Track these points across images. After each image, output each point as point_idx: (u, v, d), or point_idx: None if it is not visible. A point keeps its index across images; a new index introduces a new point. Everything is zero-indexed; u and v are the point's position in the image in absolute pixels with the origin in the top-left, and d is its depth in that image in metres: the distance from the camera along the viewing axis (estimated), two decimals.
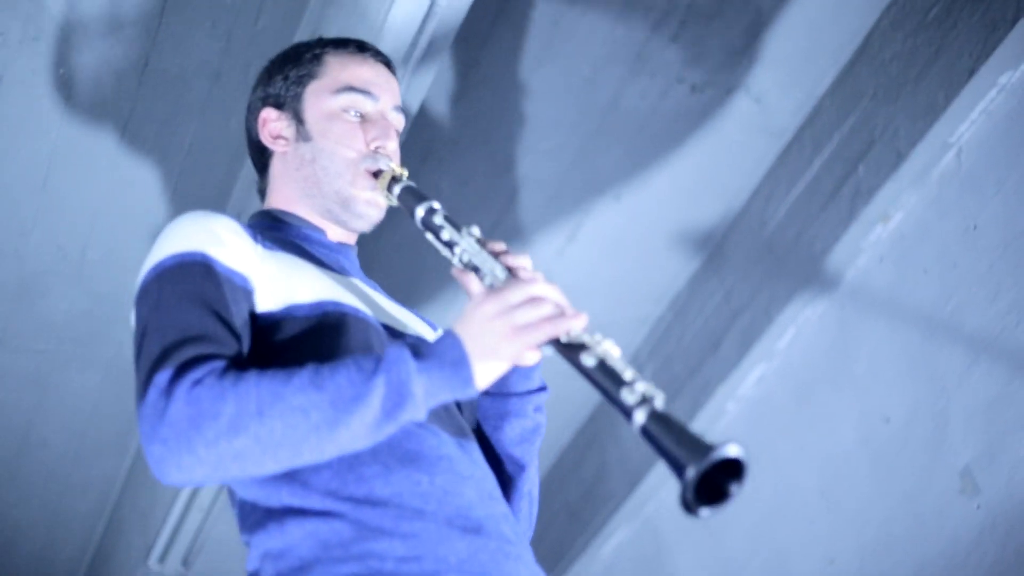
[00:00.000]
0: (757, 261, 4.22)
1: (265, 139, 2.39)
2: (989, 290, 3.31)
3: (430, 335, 2.33)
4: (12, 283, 3.81)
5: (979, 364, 3.30)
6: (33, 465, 4.50)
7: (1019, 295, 3.21)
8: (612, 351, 1.80)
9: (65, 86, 3.41)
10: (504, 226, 4.15)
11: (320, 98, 2.35)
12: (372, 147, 2.31)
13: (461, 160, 3.98)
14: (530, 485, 2.32)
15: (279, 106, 2.39)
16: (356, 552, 1.83)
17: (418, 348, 1.80)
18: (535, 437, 2.26)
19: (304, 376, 1.77)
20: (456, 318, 1.83)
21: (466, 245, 2.03)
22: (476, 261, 2.01)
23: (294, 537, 1.86)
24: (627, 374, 1.75)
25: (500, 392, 2.18)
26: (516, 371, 2.13)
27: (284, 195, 2.35)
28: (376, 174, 2.28)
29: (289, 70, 2.41)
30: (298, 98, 2.37)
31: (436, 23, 3.08)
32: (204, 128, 3.65)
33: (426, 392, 1.77)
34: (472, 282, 2.03)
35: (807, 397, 4.00)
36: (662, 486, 4.42)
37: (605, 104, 3.95)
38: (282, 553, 1.87)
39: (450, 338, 1.81)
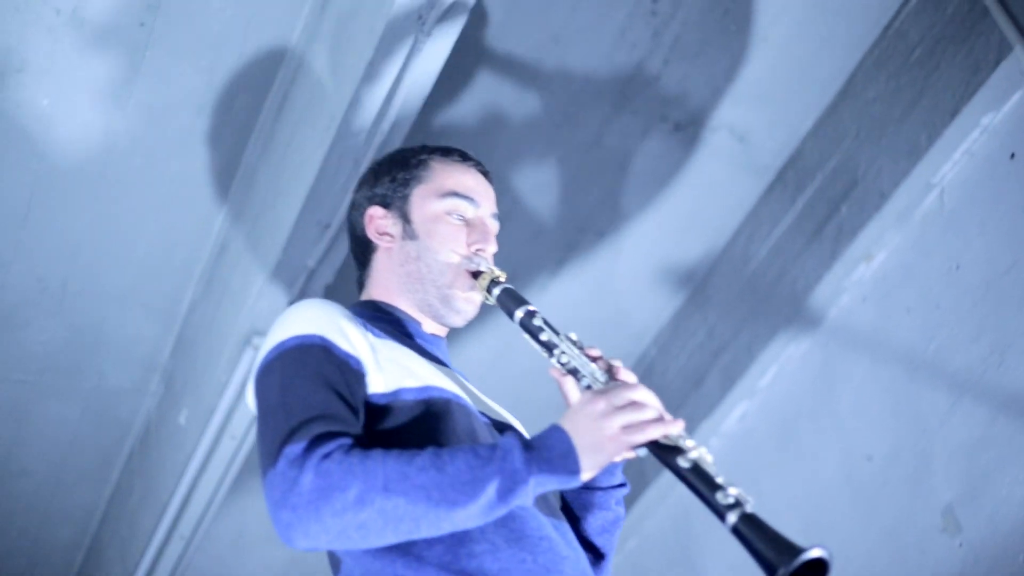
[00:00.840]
0: (740, 299, 4.23)
1: (372, 235, 2.49)
2: (971, 330, 3.32)
3: (515, 423, 2.46)
4: None
5: (961, 404, 3.30)
6: (12, 494, 4.47)
7: (1001, 335, 3.21)
8: (705, 456, 1.91)
9: (48, 118, 3.41)
10: None
11: (426, 201, 2.46)
12: (473, 249, 2.42)
13: None
14: (608, 573, 2.44)
15: (386, 205, 2.49)
16: None
17: (528, 440, 1.93)
18: (615, 528, 2.40)
19: (426, 458, 1.88)
20: (564, 415, 1.96)
21: (565, 348, 2.16)
22: (576, 364, 2.14)
23: None
24: (720, 478, 1.87)
25: (586, 486, 2.32)
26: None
27: (386, 287, 2.45)
28: (475, 275, 2.39)
29: (396, 172, 2.52)
30: (405, 199, 2.48)
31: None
32: (188, 161, 3.65)
33: (536, 481, 1.88)
34: (570, 383, 2.18)
35: (790, 434, 4.01)
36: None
37: (588, 141, 3.95)
38: None
39: (558, 432, 1.93)
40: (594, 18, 3.65)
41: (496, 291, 2.34)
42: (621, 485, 2.35)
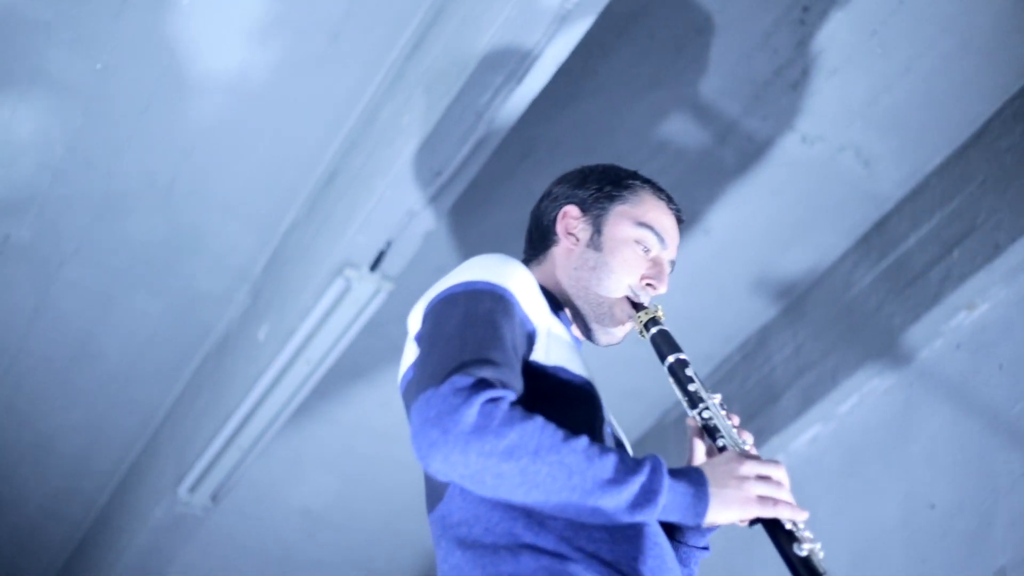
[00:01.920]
0: (834, 322, 4.18)
1: (559, 230, 2.50)
2: None
3: (626, 441, 2.49)
4: (98, 198, 3.86)
5: None
6: (85, 375, 4.54)
7: None
8: (818, 551, 1.98)
9: (187, 15, 3.44)
10: None
11: (623, 221, 2.46)
12: (644, 283, 2.43)
13: (560, 164, 3.90)
14: None
15: (583, 210, 2.50)
16: None
17: (672, 469, 1.99)
18: None
19: (580, 443, 1.93)
20: (707, 463, 2.04)
21: (711, 406, 2.23)
22: (718, 423, 2.21)
23: (528, 567, 1.96)
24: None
25: (676, 537, 2.34)
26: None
27: (554, 281, 2.47)
28: (636, 307, 2.40)
29: (605, 184, 2.52)
30: (604, 212, 2.48)
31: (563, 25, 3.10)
32: (315, 85, 3.67)
33: (665, 507, 1.95)
34: (702, 440, 2.31)
35: (856, 466, 3.97)
36: None
37: (713, 137, 3.91)
38: (513, 573, 1.97)
39: (699, 475, 2.00)
40: (741, 17, 3.61)
41: (653, 330, 2.35)
42: (705, 548, 2.38)
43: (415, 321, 2.21)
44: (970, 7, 3.58)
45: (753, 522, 2.02)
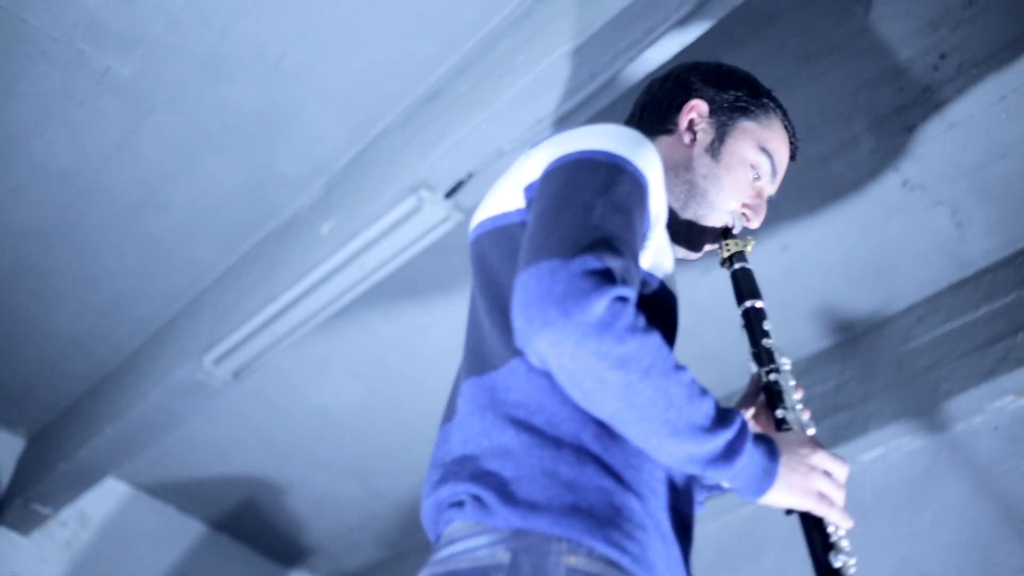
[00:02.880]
0: (882, 370, 4.15)
1: (681, 121, 2.42)
2: None
3: None
4: (205, 55, 3.86)
5: None
6: (147, 222, 4.57)
7: None
8: (851, 565, 1.97)
9: None
10: None
11: (747, 139, 2.40)
12: (743, 209, 2.39)
13: None
14: None
15: (711, 110, 2.43)
16: (620, 514, 1.86)
17: (757, 437, 1.93)
18: None
19: (686, 376, 1.84)
20: (780, 440, 1.99)
21: (782, 369, 2.21)
22: (784, 392, 2.18)
23: (591, 482, 1.86)
24: None
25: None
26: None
27: None
28: (726, 232, 2.37)
29: (742, 93, 2.45)
30: (732, 121, 2.41)
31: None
32: None
33: (735, 473, 1.88)
34: (760, 401, 2.30)
35: (862, 517, 3.92)
36: None
37: (815, 156, 3.87)
38: (573, 482, 1.86)
39: (774, 450, 1.94)
40: (877, 47, 3.56)
41: (738, 265, 2.34)
42: (719, 487, 2.32)
43: (530, 168, 2.09)
44: None
45: (792, 511, 1.98)
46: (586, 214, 1.87)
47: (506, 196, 2.12)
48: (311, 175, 4.32)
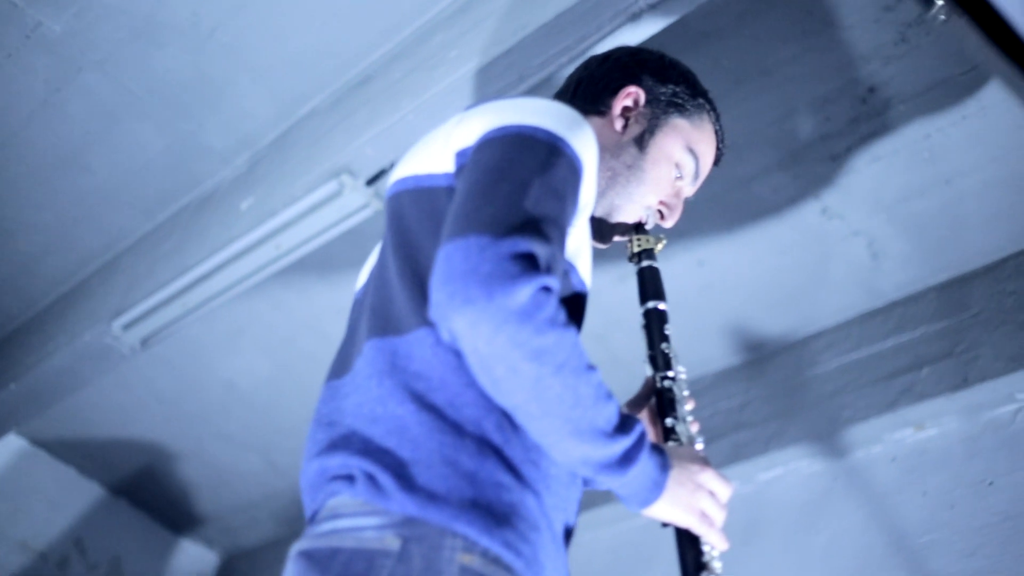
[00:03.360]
0: (787, 392, 4.18)
1: (616, 104, 2.40)
2: (969, 546, 3.27)
3: None
4: (141, 20, 3.81)
5: None
6: (68, 182, 4.51)
7: (995, 567, 3.16)
8: None
9: None
10: None
11: (677, 137, 2.38)
12: (659, 207, 2.37)
13: None
14: None
15: (648, 100, 2.40)
16: (516, 514, 1.85)
17: (652, 448, 1.94)
18: None
19: (596, 377, 1.82)
20: (672, 454, 2.01)
21: (678, 377, 2.20)
22: (676, 396, 2.18)
23: (490, 476, 1.83)
24: None
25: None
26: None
27: None
28: (639, 227, 2.35)
29: (681, 89, 2.44)
30: (665, 116, 2.40)
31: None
32: None
33: (626, 481, 1.89)
34: (650, 405, 2.30)
35: (756, 536, 3.97)
36: None
37: (739, 177, 3.89)
38: (473, 475, 1.83)
39: (665, 464, 1.95)
40: (809, 75, 3.58)
41: (646, 262, 2.32)
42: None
43: (463, 133, 2.03)
44: None
45: (669, 524, 1.99)
46: (521, 193, 1.83)
47: (434, 156, 2.06)
48: (235, 149, 4.28)
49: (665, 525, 2.01)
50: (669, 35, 3.20)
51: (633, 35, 3.09)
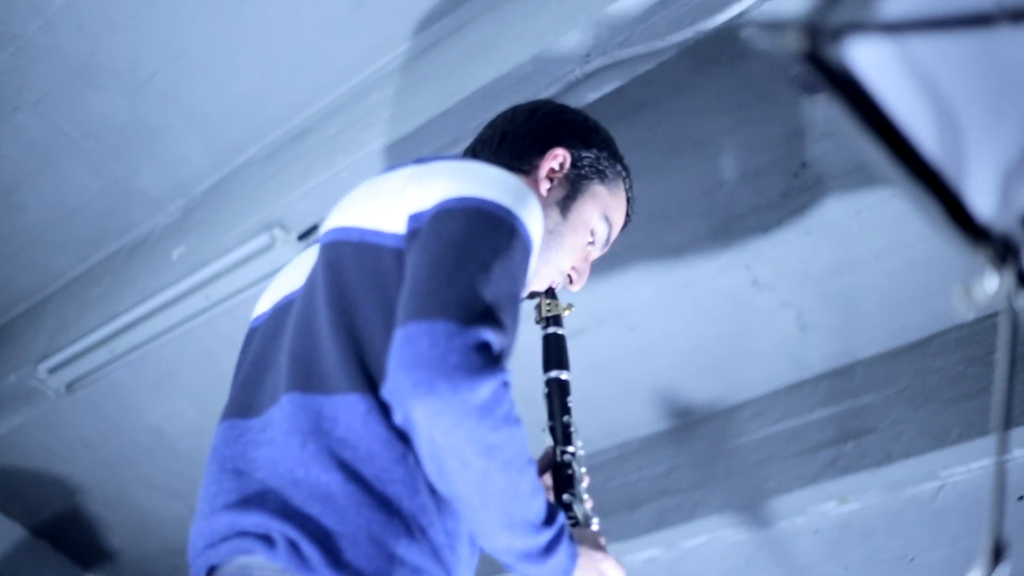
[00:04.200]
0: (713, 460, 4.18)
1: (543, 165, 2.39)
2: None
3: None
4: (77, 63, 3.79)
5: None
6: None
7: None
8: None
9: None
10: None
11: (595, 204, 2.41)
12: (570, 272, 2.40)
13: None
14: None
15: (573, 164, 2.41)
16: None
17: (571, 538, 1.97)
18: None
19: (533, 471, 1.83)
20: (579, 536, 2.07)
21: (578, 453, 2.23)
22: (575, 473, 2.20)
23: (414, 553, 1.83)
24: None
25: None
26: None
27: None
28: (550, 291, 2.37)
29: (604, 155, 2.47)
30: (587, 182, 2.41)
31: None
32: (328, 38, 3.64)
33: (541, 571, 1.91)
34: (551, 474, 2.26)
35: None
36: None
37: (670, 245, 3.90)
38: (400, 559, 1.82)
39: (574, 553, 1.95)
40: (742, 146, 3.60)
41: (552, 329, 2.34)
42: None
43: (417, 194, 1.98)
44: None
45: None
46: (484, 277, 1.80)
47: (383, 212, 2.01)
48: (170, 195, 4.26)
49: None
50: (604, 103, 3.21)
51: (569, 102, 3.10)
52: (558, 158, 2.39)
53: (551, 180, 2.38)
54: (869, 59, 1.06)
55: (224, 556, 1.87)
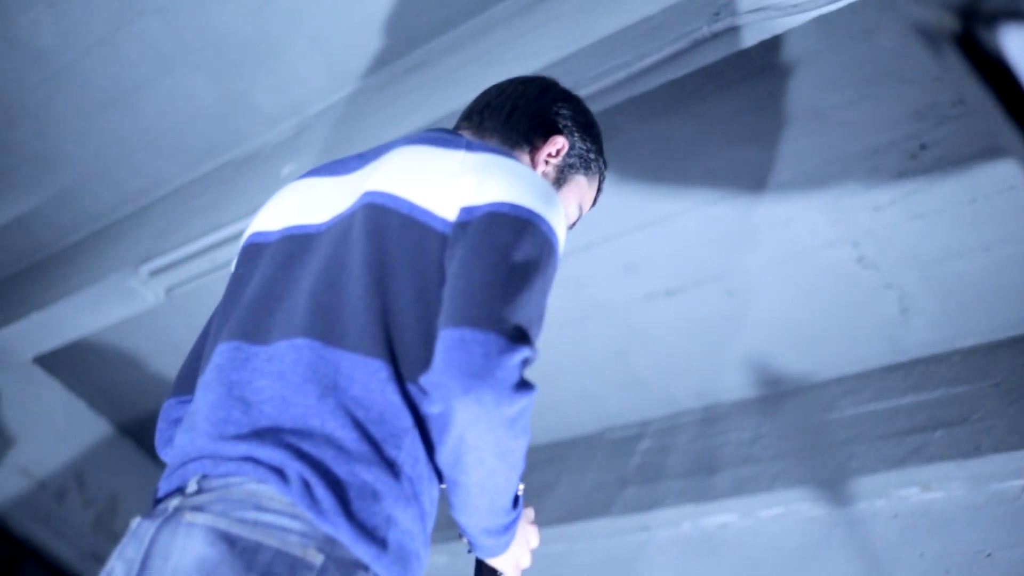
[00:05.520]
0: (799, 433, 4.15)
1: (542, 151, 2.45)
2: None
3: None
4: None
5: None
6: (114, 121, 4.50)
7: None
8: None
9: None
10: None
11: (576, 193, 2.50)
12: None
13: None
14: None
15: (567, 151, 2.47)
16: (415, 563, 2.01)
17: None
18: None
19: (520, 472, 2.03)
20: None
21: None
22: None
23: (409, 517, 1.95)
24: None
25: None
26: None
27: None
28: None
29: (594, 148, 2.54)
30: (573, 171, 2.49)
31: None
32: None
33: (493, 543, 2.18)
34: None
35: (745, 572, 3.95)
36: None
37: (779, 216, 3.88)
38: (396, 521, 1.93)
39: (515, 536, 2.25)
40: (862, 123, 3.55)
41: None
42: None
43: (471, 185, 2.03)
44: None
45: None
46: (528, 296, 1.92)
47: (435, 194, 2.05)
48: (284, 113, 4.28)
49: (470, 551, 2.25)
50: (727, 64, 3.18)
51: (692, 60, 3.08)
52: (557, 145, 2.45)
53: (546, 163, 2.44)
54: (1021, 47, 1.04)
55: (226, 473, 1.91)
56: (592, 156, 2.52)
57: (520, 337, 1.85)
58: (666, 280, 4.25)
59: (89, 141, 4.63)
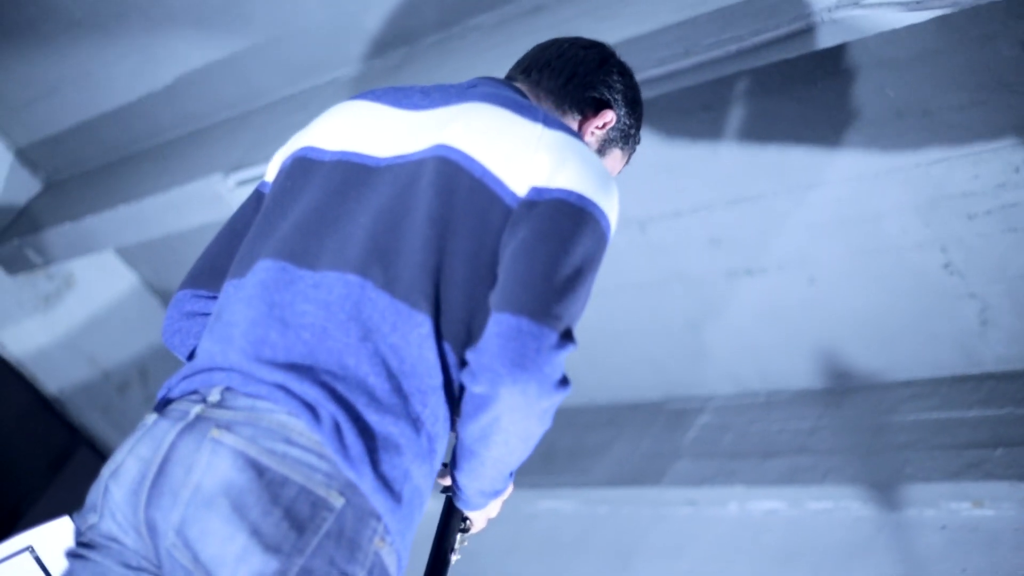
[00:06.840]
0: (858, 431, 4.14)
1: (592, 121, 2.46)
2: None
3: None
4: None
5: None
6: (223, 24, 4.54)
7: None
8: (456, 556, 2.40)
9: None
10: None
11: (611, 166, 2.55)
12: None
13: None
14: None
15: (613, 124, 2.50)
16: (416, 519, 2.06)
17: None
18: None
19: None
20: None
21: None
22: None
23: (423, 473, 2.02)
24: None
25: None
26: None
27: None
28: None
29: (637, 126, 2.58)
30: (613, 144, 2.53)
31: None
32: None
33: (481, 500, 2.27)
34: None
35: (786, 563, 3.94)
36: None
37: (872, 210, 3.85)
38: (412, 474, 2.00)
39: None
40: (971, 127, 3.50)
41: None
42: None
43: (545, 164, 2.04)
44: None
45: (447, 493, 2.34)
46: (581, 296, 2.00)
47: (509, 165, 2.05)
48: (393, 41, 4.29)
49: (444, 491, 2.34)
50: (840, 52, 3.16)
51: (808, 43, 3.06)
52: (606, 119, 2.47)
53: (592, 134, 2.47)
54: None
55: (255, 394, 1.92)
56: (632, 132, 2.55)
57: (568, 335, 1.93)
58: (749, 259, 4.23)
59: (196, 42, 4.68)
